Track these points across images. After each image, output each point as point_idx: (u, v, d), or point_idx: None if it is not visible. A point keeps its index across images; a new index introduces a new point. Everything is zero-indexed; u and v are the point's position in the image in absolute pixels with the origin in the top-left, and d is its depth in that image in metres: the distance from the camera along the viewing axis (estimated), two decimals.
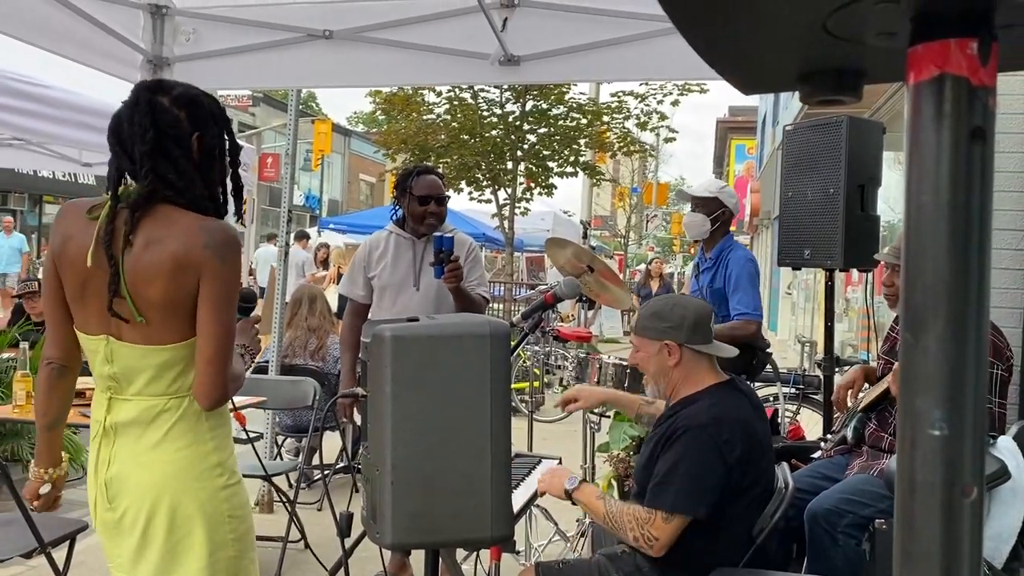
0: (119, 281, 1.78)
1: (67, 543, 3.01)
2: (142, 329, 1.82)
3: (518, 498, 2.40)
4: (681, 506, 2.22)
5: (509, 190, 11.86)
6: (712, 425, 2.26)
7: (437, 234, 3.31)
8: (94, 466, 1.92)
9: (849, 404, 3.24)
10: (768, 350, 4.03)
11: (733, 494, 2.27)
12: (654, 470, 2.31)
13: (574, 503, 2.45)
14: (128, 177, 1.85)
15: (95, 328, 1.87)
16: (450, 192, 3.68)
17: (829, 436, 3.43)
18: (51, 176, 20.51)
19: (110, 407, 1.89)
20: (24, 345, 3.70)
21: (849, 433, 3.12)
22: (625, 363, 3.47)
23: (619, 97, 12.40)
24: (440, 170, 4.23)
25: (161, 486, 1.85)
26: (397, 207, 3.63)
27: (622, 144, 13.40)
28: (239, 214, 2.19)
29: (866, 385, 3.19)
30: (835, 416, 3.36)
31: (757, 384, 5.38)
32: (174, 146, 1.81)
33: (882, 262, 3.30)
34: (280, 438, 5.29)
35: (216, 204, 1.92)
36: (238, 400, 2.41)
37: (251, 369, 2.13)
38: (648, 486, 2.31)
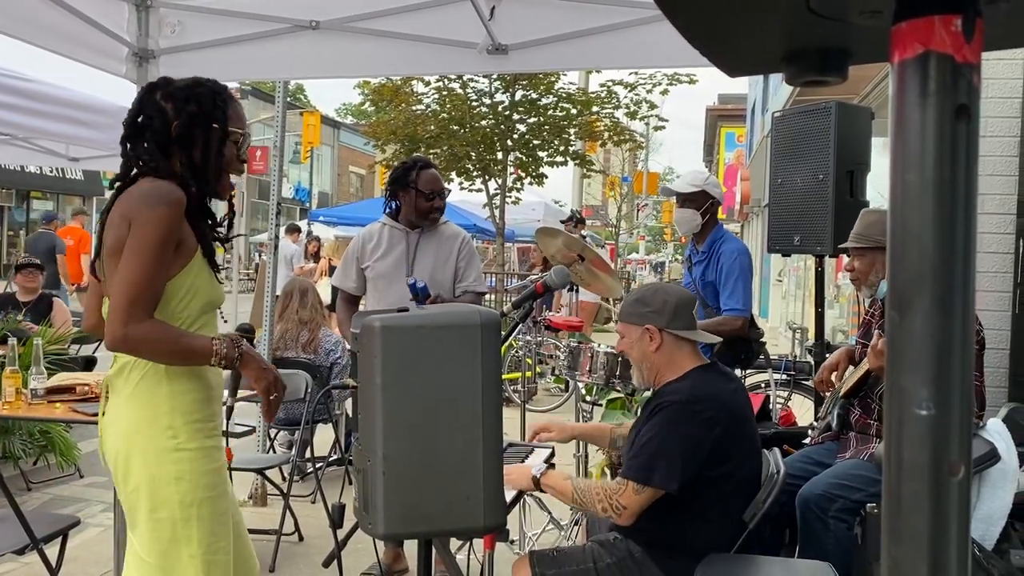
0: (100, 243, 2.02)
1: (60, 539, 3.00)
2: (109, 286, 2.00)
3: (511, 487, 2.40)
4: (654, 478, 2.23)
5: (500, 180, 11.84)
6: (694, 402, 2.28)
7: (411, 281, 3.26)
8: (99, 414, 2.11)
9: (834, 382, 3.25)
10: (762, 340, 4.04)
11: (717, 474, 2.28)
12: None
13: (542, 491, 2.46)
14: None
15: (105, 289, 2.08)
16: (448, 187, 3.70)
17: (815, 424, 3.44)
18: (38, 172, 20.37)
19: (113, 362, 2.07)
20: (13, 341, 3.68)
21: (833, 420, 3.14)
22: (616, 352, 3.47)
23: (608, 87, 12.38)
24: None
25: (120, 440, 2.00)
26: (392, 200, 3.63)
27: (612, 134, 13.37)
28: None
29: (850, 368, 3.21)
30: (825, 401, 3.37)
31: (748, 370, 5.41)
32: (150, 132, 2.03)
33: None
34: (272, 431, 5.29)
35: (196, 178, 2.06)
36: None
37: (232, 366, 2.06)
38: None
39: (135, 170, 2.04)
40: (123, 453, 1.99)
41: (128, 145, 2.06)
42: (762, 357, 4.75)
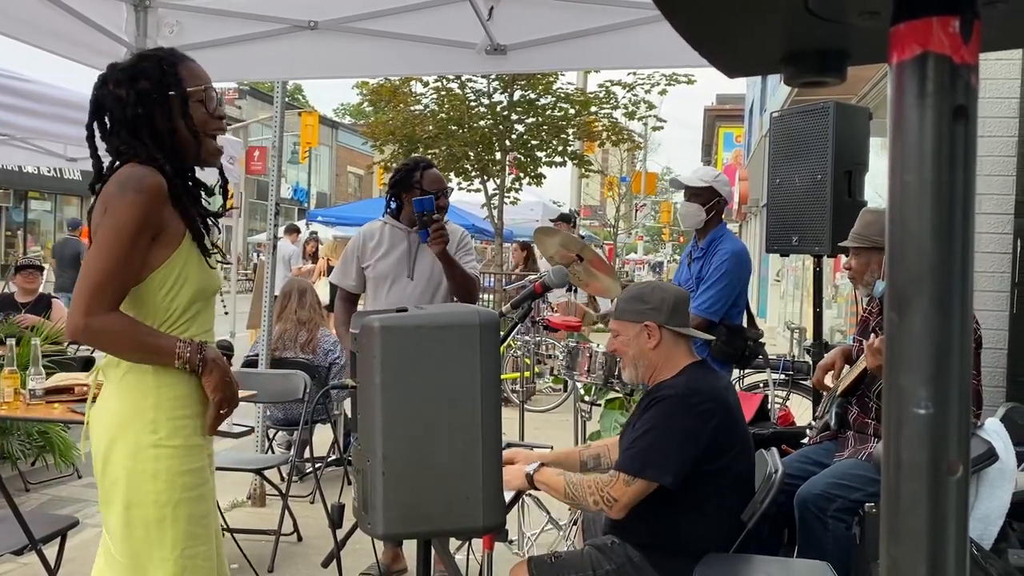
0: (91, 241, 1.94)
1: (58, 540, 3.00)
2: None
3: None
4: (646, 471, 2.23)
5: (498, 180, 11.84)
6: (690, 395, 2.29)
7: (416, 198, 3.32)
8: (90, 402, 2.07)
9: (829, 385, 3.26)
10: (760, 340, 4.05)
11: (715, 467, 2.28)
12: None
13: (536, 488, 2.46)
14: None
15: None
16: (451, 186, 3.72)
17: (813, 423, 3.45)
18: (36, 172, 20.35)
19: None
20: (11, 342, 3.68)
21: (831, 419, 3.14)
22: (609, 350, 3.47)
23: (607, 87, 12.38)
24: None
25: (103, 431, 1.94)
26: (393, 200, 3.63)
27: (610, 134, 13.37)
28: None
29: (845, 367, 3.22)
30: (822, 401, 3.38)
31: (747, 370, 5.42)
32: (116, 123, 1.97)
33: None
34: (271, 432, 5.28)
35: (169, 154, 1.96)
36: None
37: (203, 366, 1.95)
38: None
39: (117, 162, 1.96)
40: (104, 444, 1.93)
41: (103, 143, 1.98)
42: (760, 357, 4.77)
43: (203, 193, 2.09)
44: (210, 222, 2.07)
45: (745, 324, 3.98)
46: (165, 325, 1.94)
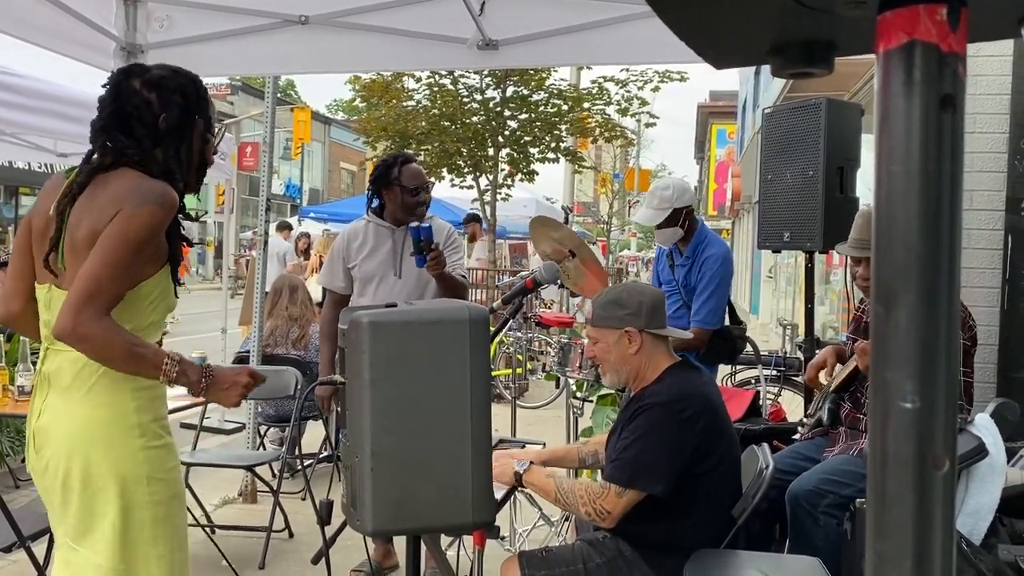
0: (61, 232, 1.89)
1: (47, 537, 2.98)
2: (71, 277, 1.86)
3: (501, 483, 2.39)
4: (636, 481, 2.23)
5: (491, 176, 11.82)
6: (674, 402, 2.28)
7: (413, 225, 3.28)
8: (29, 414, 1.98)
9: (823, 381, 3.26)
10: (745, 335, 4.05)
11: (702, 470, 2.28)
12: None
13: (524, 487, 2.45)
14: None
15: (43, 276, 1.96)
16: (432, 179, 3.68)
17: (806, 420, 3.45)
18: (27, 167, 20.23)
19: (46, 356, 1.95)
20: (0, 338, 3.66)
21: (824, 415, 3.14)
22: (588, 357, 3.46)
23: (600, 83, 12.36)
24: (420, 157, 4.26)
25: (77, 441, 1.88)
26: (375, 197, 3.59)
27: (603, 130, 13.35)
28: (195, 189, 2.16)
29: (838, 365, 3.21)
30: (815, 398, 3.38)
31: (738, 367, 5.43)
32: (137, 124, 1.94)
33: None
34: (263, 428, 5.27)
35: (179, 176, 1.99)
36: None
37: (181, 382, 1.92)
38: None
39: (110, 159, 1.93)
40: (80, 456, 1.87)
41: (105, 136, 1.95)
42: (752, 353, 4.77)
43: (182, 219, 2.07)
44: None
45: (728, 320, 3.99)
46: (138, 332, 1.92)
